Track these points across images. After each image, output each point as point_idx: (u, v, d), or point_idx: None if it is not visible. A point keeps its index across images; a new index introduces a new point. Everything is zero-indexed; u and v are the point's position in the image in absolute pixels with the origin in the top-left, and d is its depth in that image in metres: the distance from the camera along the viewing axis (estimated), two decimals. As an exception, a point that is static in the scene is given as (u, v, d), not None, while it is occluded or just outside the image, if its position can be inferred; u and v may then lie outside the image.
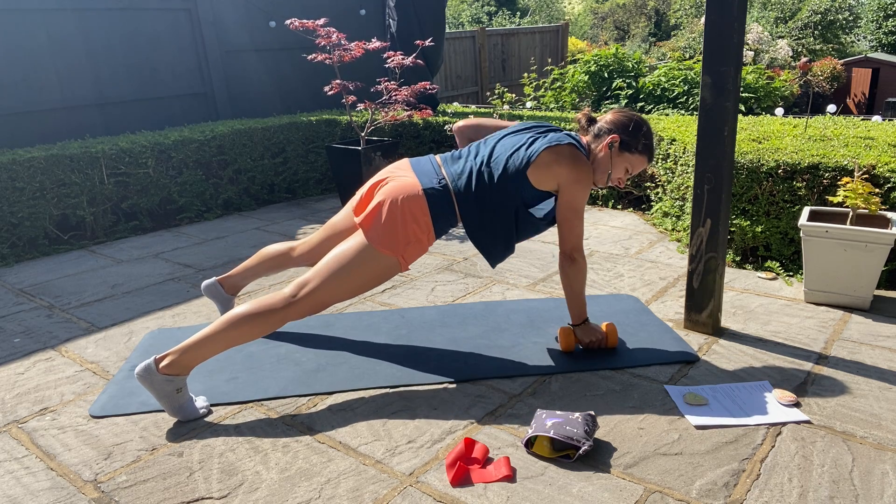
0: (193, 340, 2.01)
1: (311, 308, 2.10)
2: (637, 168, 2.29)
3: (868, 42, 15.77)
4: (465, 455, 1.82)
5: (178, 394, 2.04)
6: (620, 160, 2.26)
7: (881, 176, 2.86)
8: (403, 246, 2.12)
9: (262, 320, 2.04)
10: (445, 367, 2.36)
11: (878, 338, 2.46)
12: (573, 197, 2.18)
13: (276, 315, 2.05)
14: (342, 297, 2.12)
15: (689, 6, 18.72)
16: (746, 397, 2.09)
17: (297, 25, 4.23)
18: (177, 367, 2.01)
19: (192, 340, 2.02)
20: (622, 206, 4.49)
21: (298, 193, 5.28)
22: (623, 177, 2.29)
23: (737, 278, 3.10)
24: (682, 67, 6.94)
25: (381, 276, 2.15)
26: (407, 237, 2.11)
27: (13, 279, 3.53)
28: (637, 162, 2.28)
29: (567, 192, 2.18)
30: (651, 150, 2.29)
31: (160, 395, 2.02)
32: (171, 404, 2.04)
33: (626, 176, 2.29)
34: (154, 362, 1.99)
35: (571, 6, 27.89)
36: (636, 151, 2.26)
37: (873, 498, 1.64)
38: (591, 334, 2.40)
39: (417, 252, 2.17)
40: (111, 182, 4.24)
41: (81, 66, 4.74)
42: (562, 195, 2.20)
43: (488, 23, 22.31)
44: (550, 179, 2.17)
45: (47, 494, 1.78)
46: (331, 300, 2.12)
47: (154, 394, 2.01)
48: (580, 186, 2.17)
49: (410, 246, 2.13)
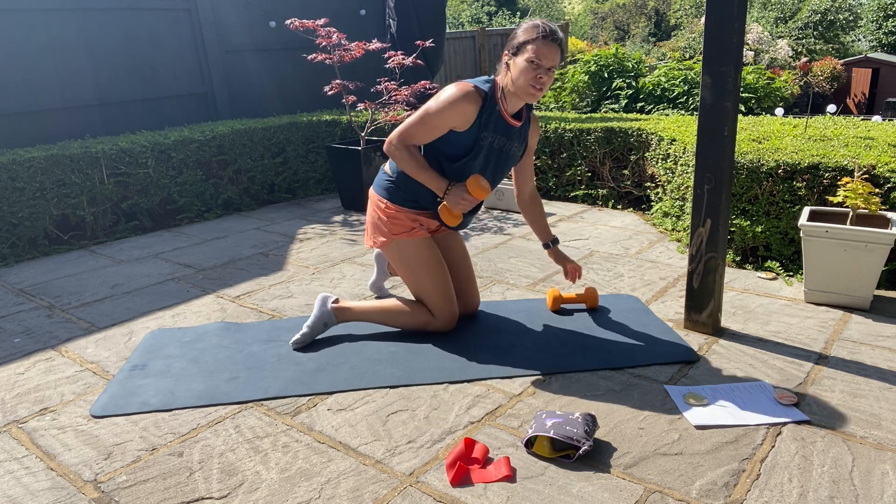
0: (363, 308, 2.58)
1: (433, 311, 2.55)
2: (540, 53, 2.18)
3: (868, 42, 15.77)
4: (465, 455, 1.82)
5: (323, 326, 2.56)
6: (518, 63, 2.21)
7: (881, 176, 2.86)
8: (382, 228, 2.50)
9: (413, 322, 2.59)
10: (445, 367, 2.36)
11: (878, 338, 2.46)
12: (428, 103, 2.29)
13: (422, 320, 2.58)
14: (420, 291, 2.54)
15: (689, 6, 18.72)
16: (746, 397, 2.09)
17: (297, 25, 4.23)
18: (342, 313, 2.58)
19: (362, 307, 2.58)
20: (622, 206, 4.49)
21: (298, 193, 5.28)
22: (536, 73, 2.20)
23: (737, 278, 3.10)
24: (682, 67, 6.93)
25: (410, 259, 2.50)
26: (375, 224, 2.53)
27: (13, 279, 3.53)
28: (532, 50, 2.19)
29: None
30: (531, 29, 2.20)
31: (316, 317, 2.55)
32: (312, 325, 2.54)
33: (537, 70, 2.20)
34: (333, 300, 2.59)
35: (571, 6, 27.89)
36: (523, 48, 2.20)
37: (873, 498, 1.64)
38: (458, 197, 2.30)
39: (397, 223, 2.48)
40: (111, 182, 4.24)
41: (81, 67, 4.74)
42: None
43: (488, 23, 22.31)
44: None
45: (47, 494, 1.78)
46: (425, 299, 2.55)
47: (314, 315, 2.55)
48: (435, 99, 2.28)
49: (386, 223, 2.49)
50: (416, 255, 2.49)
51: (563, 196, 4.77)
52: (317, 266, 3.52)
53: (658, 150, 4.07)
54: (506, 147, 2.42)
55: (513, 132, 2.41)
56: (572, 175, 4.66)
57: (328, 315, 2.57)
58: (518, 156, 2.51)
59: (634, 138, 4.36)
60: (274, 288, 3.23)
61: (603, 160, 4.55)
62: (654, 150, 4.15)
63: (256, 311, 2.95)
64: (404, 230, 2.48)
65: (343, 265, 3.52)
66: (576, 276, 2.74)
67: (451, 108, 2.25)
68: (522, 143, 2.50)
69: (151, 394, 2.25)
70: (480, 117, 2.30)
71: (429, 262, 2.50)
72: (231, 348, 2.57)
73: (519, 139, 2.45)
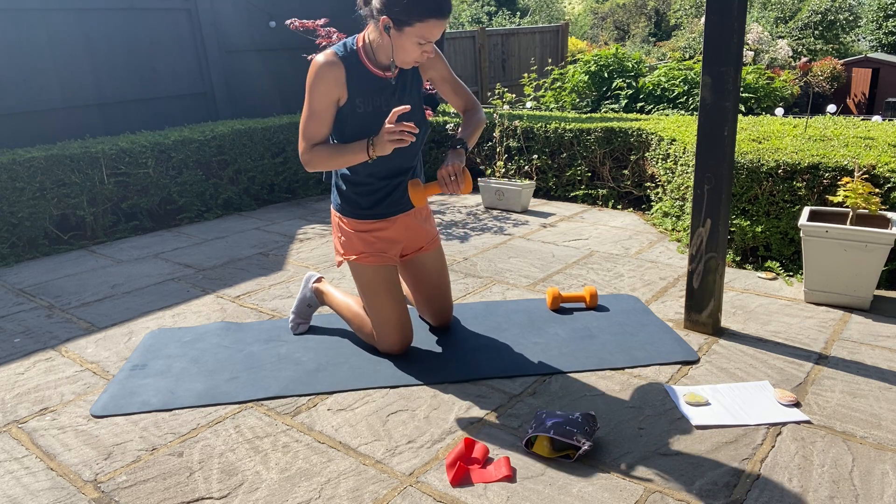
0: (335, 300, 2.55)
1: (380, 330, 2.41)
2: (431, 33, 1.97)
3: (868, 42, 15.76)
4: (465, 455, 1.82)
5: (307, 308, 2.65)
6: (403, 39, 1.98)
7: (881, 176, 2.86)
8: (337, 246, 2.43)
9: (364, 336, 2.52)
10: (445, 367, 2.36)
11: (878, 338, 2.46)
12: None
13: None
14: (368, 314, 2.43)
15: (689, 6, 18.71)
16: (746, 397, 2.09)
17: (297, 25, 4.23)
18: (319, 295, 2.60)
19: (335, 300, 2.55)
20: (622, 206, 4.49)
21: (298, 193, 5.28)
22: (422, 50, 2.02)
23: (737, 278, 3.10)
24: (682, 67, 6.94)
25: (358, 282, 2.39)
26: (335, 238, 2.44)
27: (13, 279, 3.53)
28: (421, 29, 1.96)
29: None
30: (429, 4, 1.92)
31: (299, 300, 2.63)
32: (297, 310, 2.64)
33: (424, 47, 2.01)
34: (315, 280, 2.62)
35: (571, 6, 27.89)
36: (409, 24, 1.95)
37: (873, 498, 1.64)
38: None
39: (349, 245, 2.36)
40: (111, 182, 4.24)
41: (81, 67, 4.73)
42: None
43: (488, 23, 22.30)
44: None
45: (47, 494, 1.78)
46: (372, 323, 2.42)
47: (298, 296, 2.65)
48: (307, 89, 2.10)
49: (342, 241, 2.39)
50: (362, 281, 2.36)
51: (563, 196, 4.77)
52: (317, 266, 3.52)
53: (658, 150, 4.07)
54: (390, 102, 2.17)
55: (384, 85, 2.16)
56: (572, 175, 4.66)
57: (310, 297, 2.62)
58: (417, 101, 2.24)
59: (634, 138, 4.36)
60: (274, 288, 3.23)
61: (603, 160, 4.55)
62: (654, 150, 4.15)
63: (256, 311, 2.95)
64: (355, 253, 2.35)
65: (343, 265, 3.52)
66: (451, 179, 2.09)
67: (317, 81, 2.06)
68: (414, 87, 2.23)
69: (151, 394, 2.25)
70: (349, 82, 2.10)
71: (376, 290, 2.34)
72: (231, 348, 2.57)
73: (402, 88, 2.19)
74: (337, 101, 2.13)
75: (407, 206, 2.38)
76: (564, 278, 3.20)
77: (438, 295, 2.56)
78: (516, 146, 4.85)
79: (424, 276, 2.52)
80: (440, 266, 2.54)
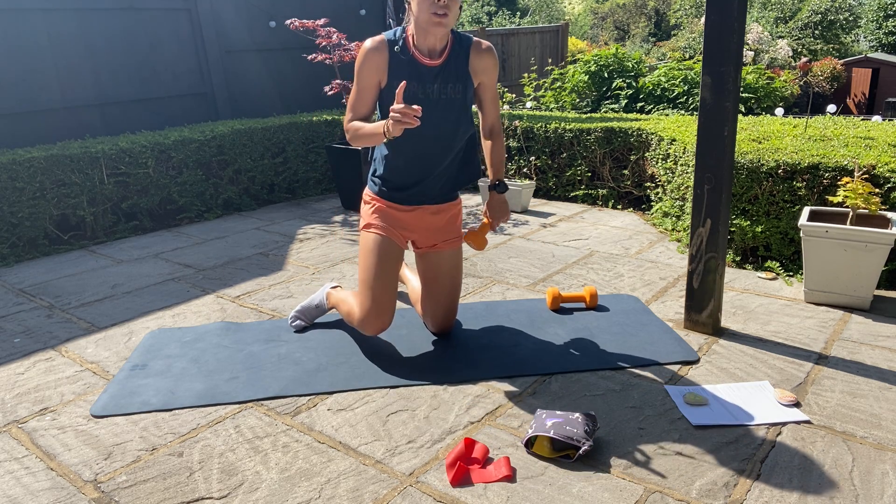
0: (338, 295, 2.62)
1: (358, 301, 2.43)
2: None
3: (868, 42, 15.77)
4: (465, 455, 1.82)
5: (314, 308, 2.72)
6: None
7: (881, 176, 2.86)
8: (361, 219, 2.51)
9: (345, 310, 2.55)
10: (445, 367, 2.36)
11: (878, 338, 2.46)
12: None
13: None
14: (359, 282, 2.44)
15: (689, 6, 18.71)
16: (746, 397, 2.09)
17: (297, 25, 4.23)
18: (328, 297, 2.69)
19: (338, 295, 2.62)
20: (622, 206, 4.49)
21: (298, 193, 5.28)
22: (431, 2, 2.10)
23: (737, 278, 3.10)
24: (682, 67, 6.93)
25: (361, 249, 2.44)
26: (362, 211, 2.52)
27: (13, 279, 3.53)
28: None
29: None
30: None
31: (311, 299, 2.73)
32: (306, 306, 2.72)
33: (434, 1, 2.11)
34: (333, 286, 2.74)
35: (571, 6, 27.88)
36: None
37: (873, 498, 1.64)
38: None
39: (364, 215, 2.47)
40: (111, 182, 4.24)
41: (81, 66, 4.73)
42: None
43: (488, 23, 22.31)
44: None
45: (47, 494, 1.78)
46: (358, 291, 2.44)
47: (313, 296, 2.74)
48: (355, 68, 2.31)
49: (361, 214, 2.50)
50: (364, 249, 2.41)
51: (563, 196, 4.77)
52: (317, 266, 3.52)
53: (658, 150, 4.07)
54: (433, 91, 2.25)
55: (425, 71, 2.23)
56: (572, 175, 4.66)
57: (320, 300, 2.72)
58: (460, 97, 2.29)
59: (634, 138, 4.36)
60: (274, 288, 3.23)
61: (603, 160, 4.55)
62: (654, 150, 4.15)
63: (256, 311, 2.95)
64: (366, 223, 2.44)
65: (343, 265, 3.52)
66: (490, 221, 2.45)
67: (362, 63, 2.25)
68: (459, 82, 2.28)
69: (152, 393, 2.25)
70: (391, 67, 2.22)
71: (373, 262, 2.37)
72: (231, 348, 2.57)
73: (445, 79, 2.25)
74: (378, 83, 2.29)
75: (428, 202, 2.45)
76: (564, 278, 3.20)
77: (445, 296, 2.51)
78: (516, 146, 4.85)
79: (436, 273, 2.49)
80: (452, 267, 2.50)
